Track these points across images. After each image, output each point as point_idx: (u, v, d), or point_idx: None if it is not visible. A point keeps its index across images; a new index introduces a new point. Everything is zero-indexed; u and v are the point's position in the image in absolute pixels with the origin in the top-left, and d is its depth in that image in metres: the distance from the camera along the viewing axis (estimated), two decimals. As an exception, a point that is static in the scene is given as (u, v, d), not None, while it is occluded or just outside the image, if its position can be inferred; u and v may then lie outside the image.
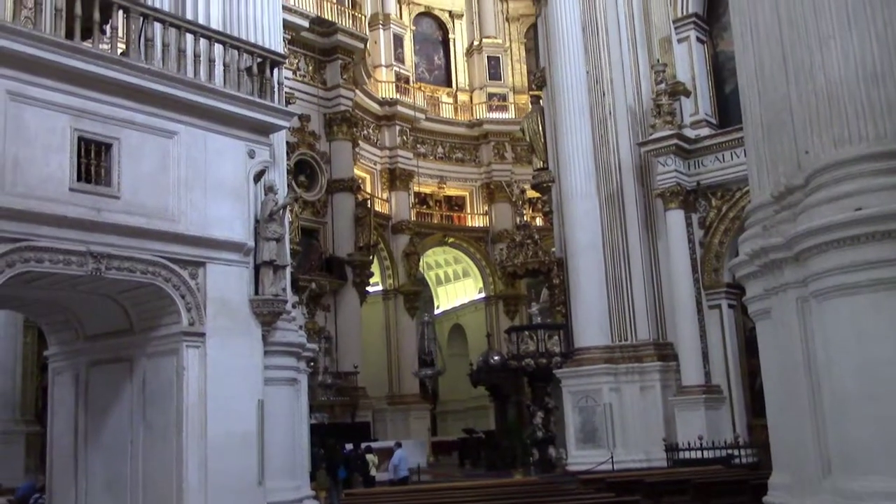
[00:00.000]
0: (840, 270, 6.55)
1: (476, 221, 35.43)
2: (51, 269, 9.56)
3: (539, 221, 30.53)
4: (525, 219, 25.59)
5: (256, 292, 11.37)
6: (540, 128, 23.34)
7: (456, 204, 35.61)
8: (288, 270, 12.22)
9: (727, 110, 20.31)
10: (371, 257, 29.18)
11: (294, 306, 13.07)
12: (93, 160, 10.00)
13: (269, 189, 11.88)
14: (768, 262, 7.56)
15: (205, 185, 10.98)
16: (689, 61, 20.64)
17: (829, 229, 6.58)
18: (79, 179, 9.81)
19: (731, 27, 9.71)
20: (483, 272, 35.06)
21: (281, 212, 11.87)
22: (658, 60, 20.56)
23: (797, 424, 7.21)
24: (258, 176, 11.78)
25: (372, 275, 29.85)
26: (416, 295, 32.37)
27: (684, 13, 20.71)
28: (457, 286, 37.09)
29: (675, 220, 19.66)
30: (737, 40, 8.74)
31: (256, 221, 11.61)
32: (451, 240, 34.73)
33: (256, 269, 11.47)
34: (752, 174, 8.52)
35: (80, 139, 9.88)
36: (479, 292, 35.65)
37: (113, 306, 11.11)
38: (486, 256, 34.44)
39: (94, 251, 9.76)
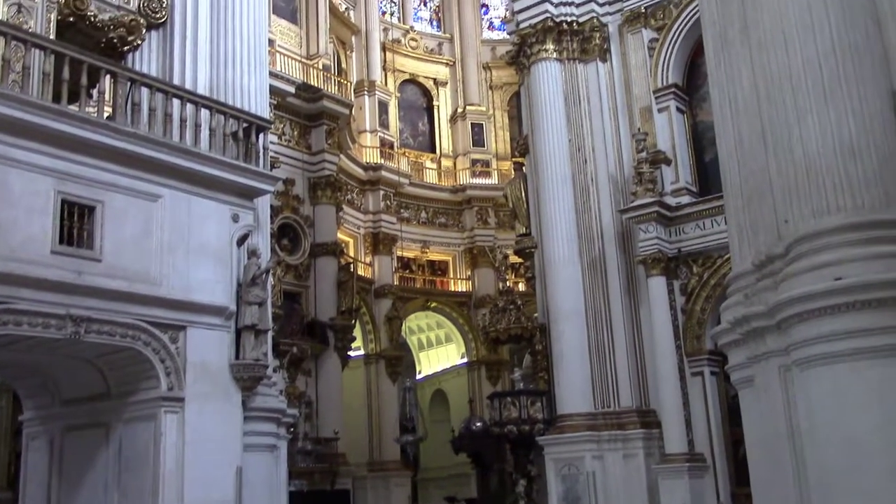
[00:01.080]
0: (821, 339, 6.60)
1: (459, 286, 35.44)
2: (29, 332, 9.47)
3: (522, 287, 30.54)
4: (508, 284, 25.61)
5: (237, 357, 11.29)
6: (523, 194, 23.53)
7: (439, 268, 35.65)
8: (269, 335, 12.16)
9: (707, 178, 20.58)
10: (353, 322, 29.06)
11: (275, 371, 12.96)
12: (76, 223, 10.00)
13: (253, 253, 11.88)
14: (750, 330, 7.60)
15: (188, 248, 10.97)
16: (669, 130, 20.96)
17: (810, 298, 6.64)
18: (61, 242, 9.79)
19: (710, 98, 9.90)
20: (466, 337, 34.95)
21: (264, 276, 11.85)
22: (639, 129, 20.87)
23: (781, 495, 7.17)
24: (242, 240, 11.79)
25: (354, 339, 29.68)
26: (398, 360, 32.16)
27: (664, 84, 21.09)
28: (439, 351, 36.91)
29: (657, 286, 19.75)
30: (716, 112, 8.92)
31: (239, 285, 11.58)
32: (433, 304, 34.67)
33: (238, 333, 11.40)
34: (732, 242, 8.61)
35: (63, 202, 9.89)
36: (462, 358, 35.48)
37: (91, 370, 10.98)
38: (469, 321, 34.37)
39: (73, 314, 9.69)
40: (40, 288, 9.48)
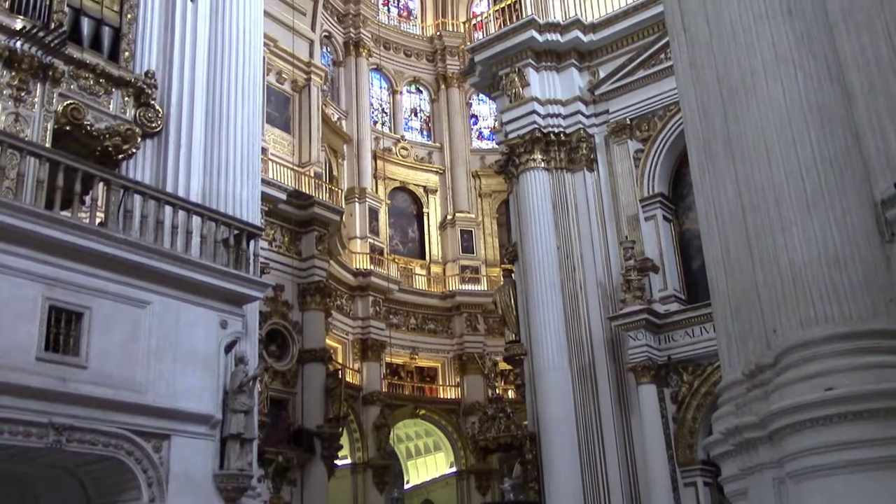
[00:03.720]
0: (814, 451, 6.52)
1: (448, 393, 35.06)
2: (9, 440, 9.29)
3: (511, 394, 30.27)
4: (497, 392, 25.36)
5: (221, 466, 11.06)
6: (512, 301, 23.56)
7: (428, 375, 35.34)
8: (255, 444, 11.94)
9: (695, 286, 20.69)
10: (341, 430, 28.59)
11: (259, 480, 12.67)
12: (62, 329, 9.94)
13: (240, 360, 11.79)
14: (742, 441, 7.51)
15: (175, 355, 10.89)
16: (656, 238, 21.19)
17: (801, 409, 6.59)
18: (46, 349, 9.71)
19: (696, 207, 10.06)
20: (454, 445, 34.36)
21: (251, 383, 11.73)
22: (626, 237, 21.10)
23: None
24: (230, 346, 11.72)
25: (341, 447, 29.13)
26: (385, 469, 31.52)
27: (650, 193, 21.45)
28: (427, 460, 36.22)
29: (647, 394, 19.60)
30: (702, 222, 9.04)
31: (225, 393, 11.44)
32: (422, 412, 34.21)
33: (223, 442, 11.20)
34: (722, 352, 8.60)
35: (51, 308, 9.86)
36: (451, 467, 34.80)
37: (71, 481, 10.72)
38: (458, 429, 33.86)
39: (55, 423, 9.53)
40: (23, 395, 9.34)
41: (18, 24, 12.31)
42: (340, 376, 28.80)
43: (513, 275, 24.24)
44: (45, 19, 12.67)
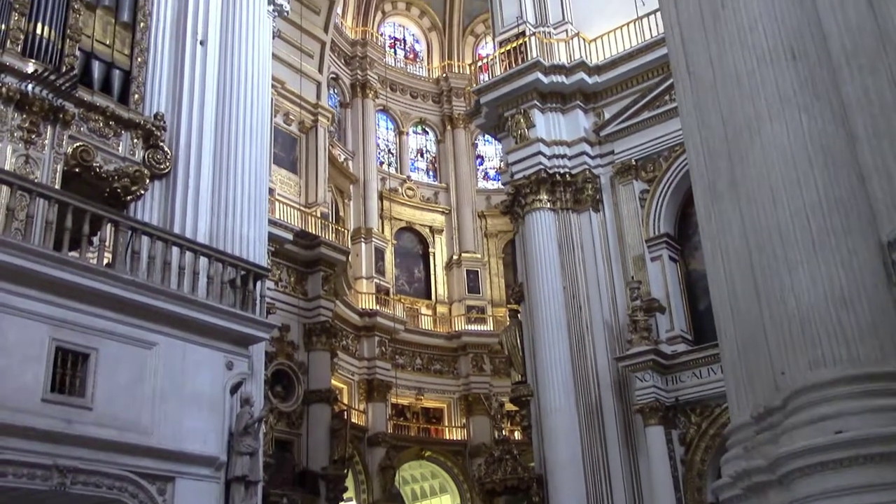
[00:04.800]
0: (825, 496, 6.45)
1: (454, 434, 34.82)
2: (14, 483, 9.23)
3: (518, 436, 30.01)
4: (504, 433, 25.14)
5: (226, 510, 10.96)
6: (518, 341, 23.46)
7: (434, 416, 35.13)
8: (260, 486, 11.85)
9: (702, 326, 20.59)
10: (346, 471, 28.37)
11: (264, 525, 12.56)
12: (69, 370, 9.93)
13: (246, 401, 11.74)
14: (752, 484, 7.44)
15: (181, 396, 10.85)
16: (662, 279, 21.14)
17: (811, 452, 6.53)
18: (52, 390, 9.69)
19: (702, 248, 10.05)
20: (461, 487, 34.02)
21: (256, 425, 11.67)
22: (632, 278, 21.07)
23: None
24: (235, 388, 11.68)
25: (346, 489, 28.88)
26: (391, 511, 31.23)
27: (656, 233, 21.45)
28: (433, 502, 35.84)
29: (655, 436, 19.41)
30: (708, 263, 9.04)
31: (231, 435, 11.38)
32: (428, 453, 33.96)
33: (227, 484, 11.11)
34: (730, 394, 8.54)
35: (57, 349, 9.86)
36: (457, 509, 34.45)
37: (74, 524, 10.62)
38: (464, 471, 33.55)
39: (60, 465, 9.48)
40: (28, 437, 9.30)
41: (30, 67, 12.47)
42: (346, 417, 28.64)
43: (519, 315, 24.16)
44: (56, 63, 12.84)
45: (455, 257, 37.28)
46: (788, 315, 7.11)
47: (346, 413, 29.02)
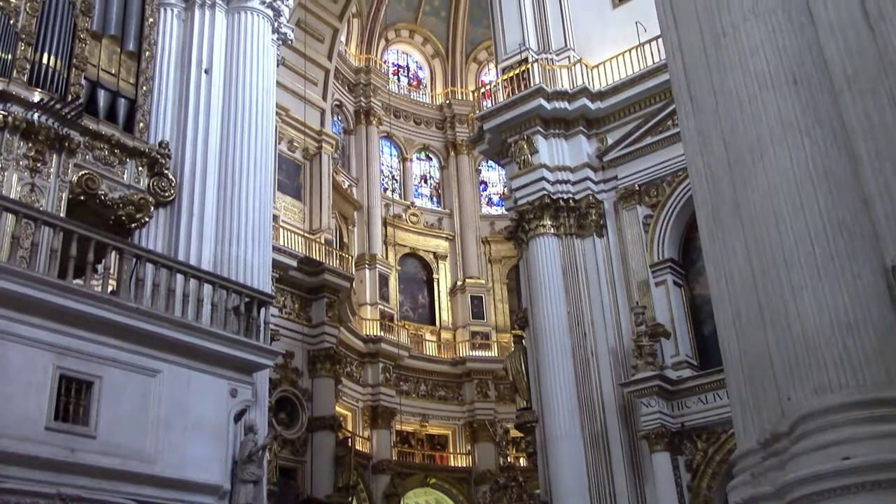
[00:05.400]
0: (833, 522, 6.39)
1: (459, 461, 34.62)
2: (16, 512, 9.19)
3: (523, 462, 29.85)
4: (509, 460, 25.05)
5: (229, 538, 10.90)
6: (523, 367, 23.40)
7: (438, 443, 34.96)
8: (264, 514, 11.79)
9: (707, 352, 20.51)
10: (350, 499, 28.19)
11: (268, 553, 12.48)
12: (72, 398, 9.93)
13: (250, 429, 11.72)
14: (759, 511, 7.37)
15: (184, 424, 10.83)
16: (667, 304, 21.09)
17: (818, 479, 6.47)
18: (56, 418, 9.68)
19: (706, 272, 10.03)
20: (466, 515, 33.80)
21: (260, 453, 11.63)
22: (637, 303, 21.02)
23: None
24: (239, 415, 11.66)
25: (350, 518, 28.72)
26: (396, 539, 30.98)
27: (660, 258, 21.42)
28: (438, 530, 35.61)
29: (661, 462, 19.28)
30: (712, 288, 9.01)
31: (234, 462, 11.34)
32: (432, 480, 33.74)
33: (231, 513, 11.06)
34: (736, 419, 8.48)
35: (61, 377, 9.86)
36: (462, 537, 34.18)
37: (77, 553, 10.55)
38: (469, 499, 33.32)
39: (63, 493, 9.45)
40: (31, 466, 9.28)
41: (36, 96, 12.57)
42: (350, 444, 28.51)
43: (523, 341, 24.12)
44: (62, 92, 12.93)
45: (459, 283, 37.26)
46: (794, 340, 7.08)
47: (350, 440, 28.90)
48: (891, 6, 7.68)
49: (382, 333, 33.15)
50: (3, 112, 12.19)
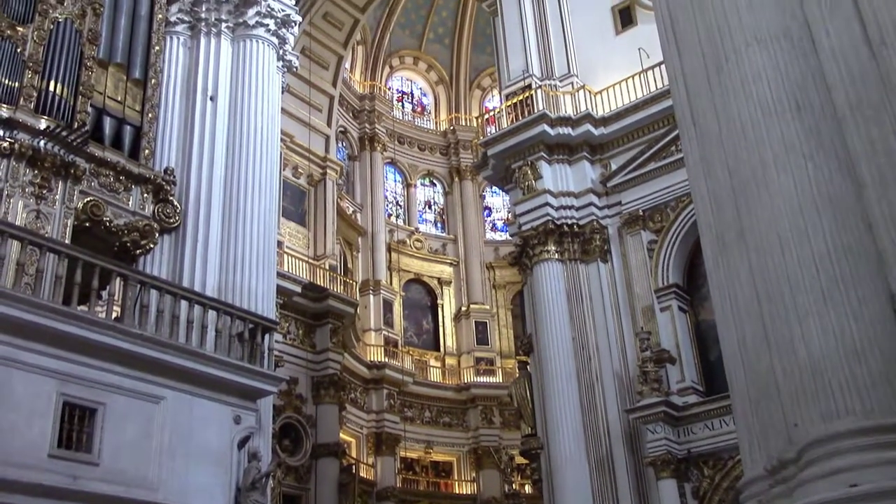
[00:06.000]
0: (843, 551, 6.32)
1: (464, 488, 34.38)
2: (17, 541, 9.14)
3: (529, 489, 29.65)
4: (514, 487, 24.88)
5: (233, 567, 10.81)
6: (527, 393, 23.30)
7: (443, 470, 34.74)
8: (267, 543, 11.70)
9: (713, 377, 20.41)
10: (354, 527, 28.01)
11: (271, 582, 12.38)
12: (76, 425, 9.90)
13: (254, 456, 11.66)
14: (767, 539, 7.30)
15: (187, 451, 10.78)
16: (672, 329, 21.03)
17: (827, 506, 6.42)
18: (59, 445, 9.65)
19: (711, 298, 9.99)
20: (471, 543, 33.53)
21: (264, 480, 11.57)
22: (642, 328, 20.97)
23: None
24: (243, 442, 11.61)
25: (354, 546, 28.50)
26: (400, 568, 30.73)
27: (665, 283, 21.39)
28: (443, 558, 35.31)
29: (667, 490, 19.13)
30: (717, 313, 8.97)
31: (238, 490, 11.28)
32: (437, 508, 33.53)
33: (235, 541, 10.99)
34: (743, 446, 8.42)
35: (65, 404, 9.84)
36: (467, 565, 33.88)
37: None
38: (475, 526, 33.09)
39: (66, 522, 9.39)
40: (34, 494, 9.24)
41: (43, 124, 12.64)
42: (354, 471, 28.35)
43: (528, 367, 24.05)
44: (68, 119, 13.01)
45: (463, 309, 37.21)
46: (800, 366, 7.04)
47: (354, 467, 28.74)
48: (893, 32, 7.71)
49: (387, 359, 33.07)
50: (9, 139, 12.26)
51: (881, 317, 7.06)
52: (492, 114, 26.77)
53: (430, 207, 40.47)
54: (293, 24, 18.04)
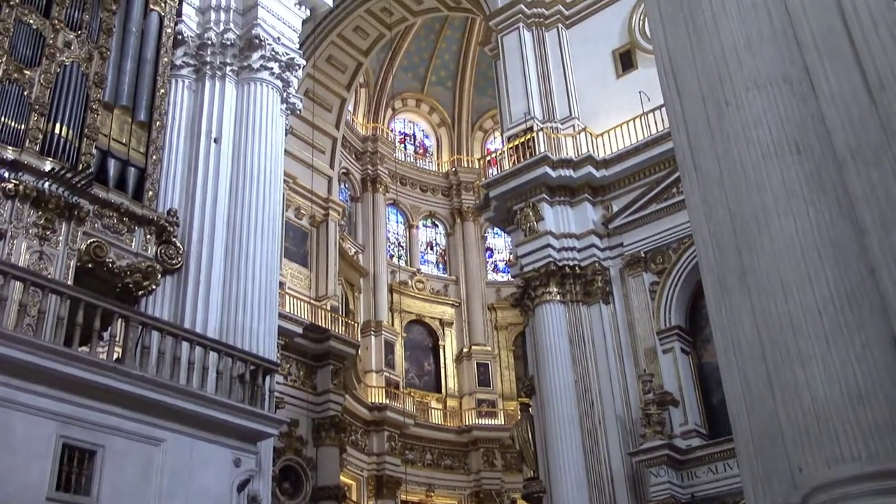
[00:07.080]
0: None
1: (465, 532, 34.00)
2: (15, 585, 9.02)
3: (531, 534, 29.28)
4: (516, 531, 24.59)
5: None
6: (529, 436, 23.12)
7: (444, 513, 34.38)
8: (266, 589, 11.55)
9: (716, 420, 20.28)
10: (354, 571, 27.66)
11: None
12: (75, 468, 9.83)
13: (253, 499, 11.58)
14: (774, 587, 7.20)
15: (187, 495, 10.69)
16: (674, 371, 20.93)
17: (833, 554, 6.34)
18: (58, 488, 9.57)
19: (713, 340, 9.96)
20: (472, 589, 33.06)
21: (263, 524, 11.45)
22: (644, 370, 20.88)
23: None
24: (242, 485, 11.51)
25: (354, 591, 28.12)
26: None
27: (667, 325, 21.34)
28: None
29: (672, 534, 18.93)
30: (720, 357, 8.94)
31: (237, 534, 11.16)
32: (438, 552, 33.13)
33: (233, 586, 10.84)
34: (747, 491, 8.33)
35: (64, 446, 9.78)
36: None
37: None
38: (476, 571, 32.65)
39: (63, 566, 9.28)
40: (31, 538, 9.14)
41: (48, 165, 12.73)
42: (355, 515, 28.07)
43: (530, 409, 23.89)
44: (73, 161, 13.11)
45: (465, 350, 37.08)
46: (804, 410, 7.00)
47: (354, 510, 28.46)
48: (892, 77, 7.78)
49: (388, 401, 32.89)
50: (14, 181, 12.34)
51: (885, 361, 7.03)
52: (493, 155, 26.93)
53: (431, 248, 40.54)
54: (297, 67, 18.23)
